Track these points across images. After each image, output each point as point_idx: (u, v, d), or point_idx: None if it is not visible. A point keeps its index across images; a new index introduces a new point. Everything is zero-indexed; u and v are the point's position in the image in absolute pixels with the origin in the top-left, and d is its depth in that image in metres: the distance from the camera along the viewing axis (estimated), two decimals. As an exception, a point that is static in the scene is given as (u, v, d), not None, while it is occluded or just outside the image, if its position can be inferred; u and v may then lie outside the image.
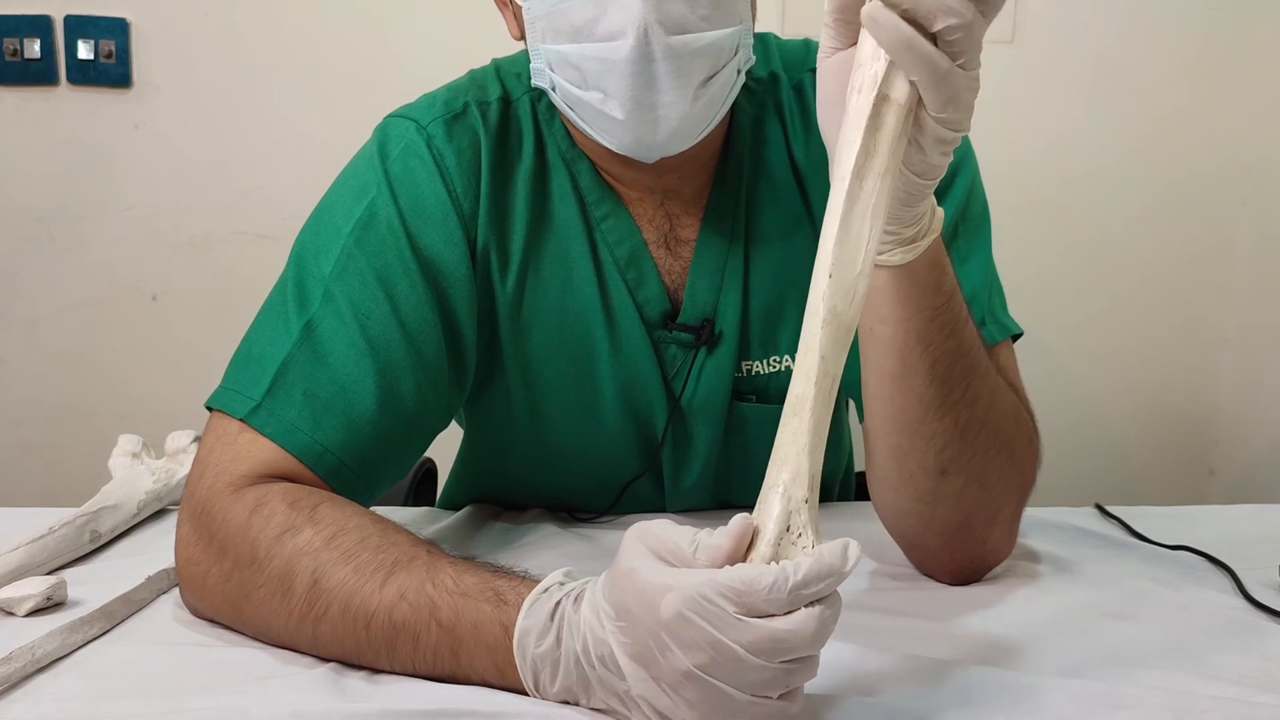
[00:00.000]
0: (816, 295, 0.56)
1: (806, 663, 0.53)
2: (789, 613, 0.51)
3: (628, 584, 0.54)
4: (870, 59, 0.56)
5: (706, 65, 0.76)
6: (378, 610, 0.63)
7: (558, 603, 0.59)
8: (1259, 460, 1.93)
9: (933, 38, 0.54)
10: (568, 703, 0.59)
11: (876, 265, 0.63)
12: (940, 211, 0.68)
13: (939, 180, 0.61)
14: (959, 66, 0.55)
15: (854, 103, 0.56)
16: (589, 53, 0.75)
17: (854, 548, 0.52)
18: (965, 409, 0.73)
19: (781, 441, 0.55)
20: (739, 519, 0.53)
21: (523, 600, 0.60)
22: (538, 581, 0.61)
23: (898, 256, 0.66)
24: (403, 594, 0.63)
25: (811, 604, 0.51)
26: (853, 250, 0.56)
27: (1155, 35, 1.86)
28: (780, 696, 0.53)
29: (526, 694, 0.60)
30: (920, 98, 0.56)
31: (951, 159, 0.60)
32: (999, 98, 1.83)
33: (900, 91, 0.55)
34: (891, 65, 0.55)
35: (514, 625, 0.59)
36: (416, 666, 0.63)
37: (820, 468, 0.56)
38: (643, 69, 0.73)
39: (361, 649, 0.64)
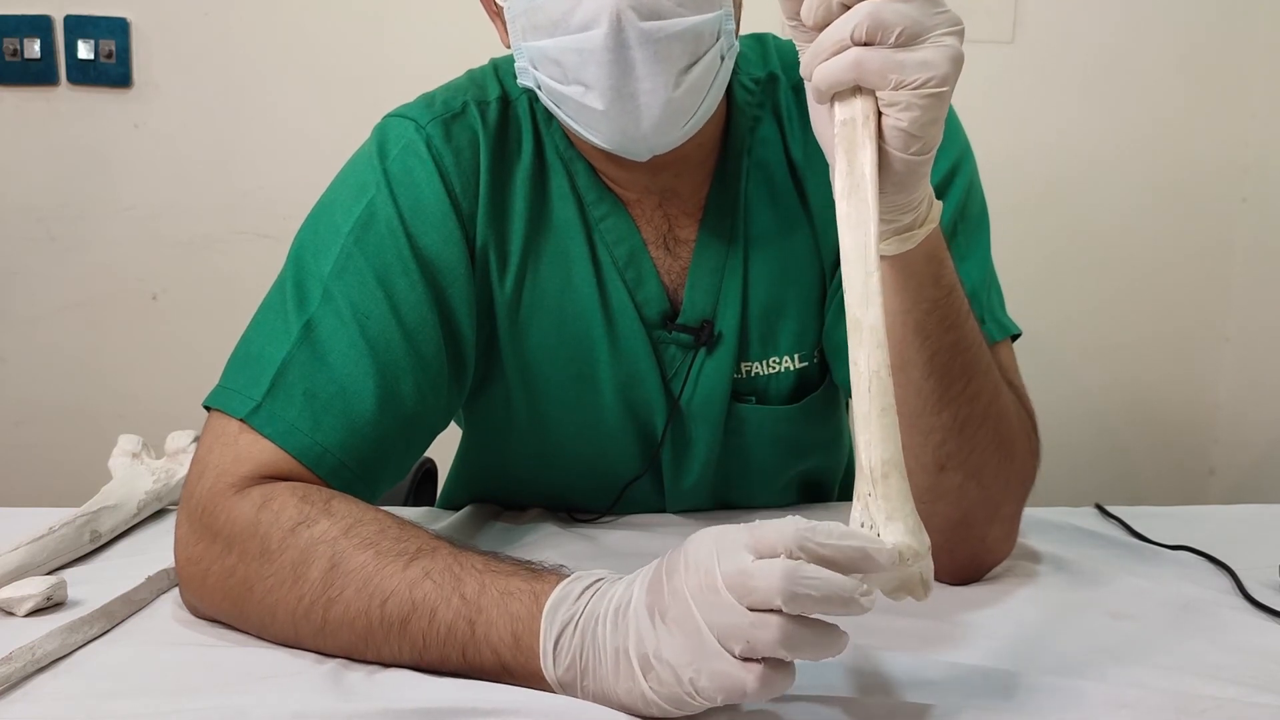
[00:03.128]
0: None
1: (772, 629, 0.52)
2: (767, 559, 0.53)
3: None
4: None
5: (686, 51, 0.75)
6: (398, 588, 0.64)
7: (598, 580, 0.60)
8: (1259, 460, 1.93)
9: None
10: (568, 685, 0.59)
11: None
12: (938, 204, 0.68)
13: (931, 155, 0.62)
14: (889, 46, 0.58)
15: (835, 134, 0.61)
16: (566, 45, 0.75)
17: (886, 555, 0.54)
18: (965, 404, 0.73)
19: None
20: None
21: (561, 579, 0.61)
22: (574, 572, 0.63)
23: (893, 246, 0.66)
24: (427, 573, 0.64)
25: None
26: (858, 257, 0.59)
27: (1154, 34, 1.86)
28: (743, 660, 0.52)
29: (533, 668, 0.60)
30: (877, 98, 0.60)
31: (935, 123, 0.60)
32: (998, 97, 1.84)
33: (858, 109, 0.60)
34: (837, 95, 0.61)
35: (547, 595, 0.60)
36: (426, 644, 0.63)
37: (889, 456, 0.57)
38: (619, 56, 0.73)
39: (372, 629, 0.64)
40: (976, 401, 0.73)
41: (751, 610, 0.52)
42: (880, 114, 0.60)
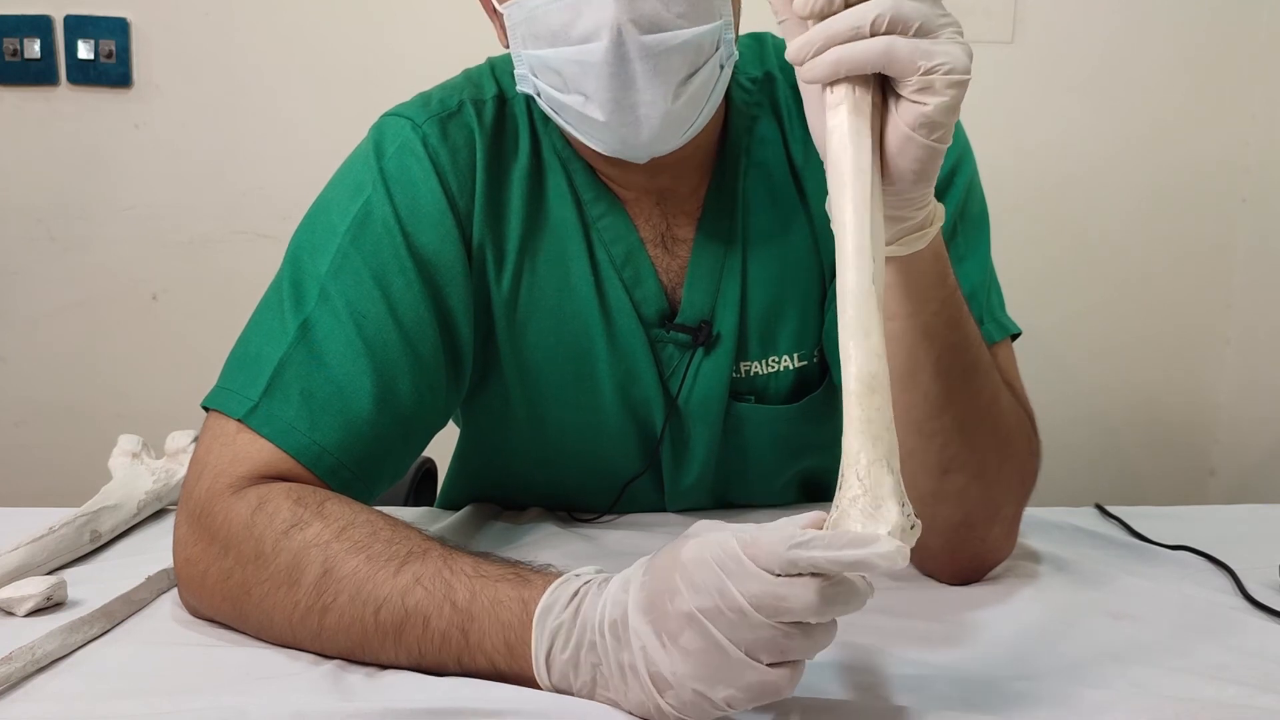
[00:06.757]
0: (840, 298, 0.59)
1: (806, 634, 0.53)
2: (796, 576, 0.52)
3: (668, 546, 0.57)
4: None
5: (686, 63, 0.75)
6: (390, 596, 0.64)
7: (585, 583, 0.60)
8: (1259, 460, 1.93)
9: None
10: (563, 692, 0.59)
11: (886, 258, 0.64)
12: (940, 205, 0.68)
13: (945, 148, 0.62)
14: (907, 36, 0.59)
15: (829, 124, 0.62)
16: (567, 56, 0.75)
17: (887, 544, 0.50)
18: (966, 405, 0.73)
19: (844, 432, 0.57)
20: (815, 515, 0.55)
21: (548, 584, 0.61)
22: (562, 572, 0.62)
23: (906, 246, 0.66)
24: (418, 579, 0.64)
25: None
26: (856, 209, 0.60)
27: (1154, 34, 1.86)
28: (774, 666, 0.53)
29: (528, 676, 0.60)
30: (880, 84, 0.61)
31: (955, 111, 0.60)
32: (999, 97, 1.84)
33: (858, 95, 0.60)
34: (834, 84, 0.61)
35: (535, 602, 0.60)
36: (422, 651, 0.63)
37: (885, 448, 0.56)
38: (619, 70, 0.73)
39: (368, 636, 0.64)
40: (977, 400, 0.73)
41: (781, 624, 0.52)
42: (884, 103, 0.61)
